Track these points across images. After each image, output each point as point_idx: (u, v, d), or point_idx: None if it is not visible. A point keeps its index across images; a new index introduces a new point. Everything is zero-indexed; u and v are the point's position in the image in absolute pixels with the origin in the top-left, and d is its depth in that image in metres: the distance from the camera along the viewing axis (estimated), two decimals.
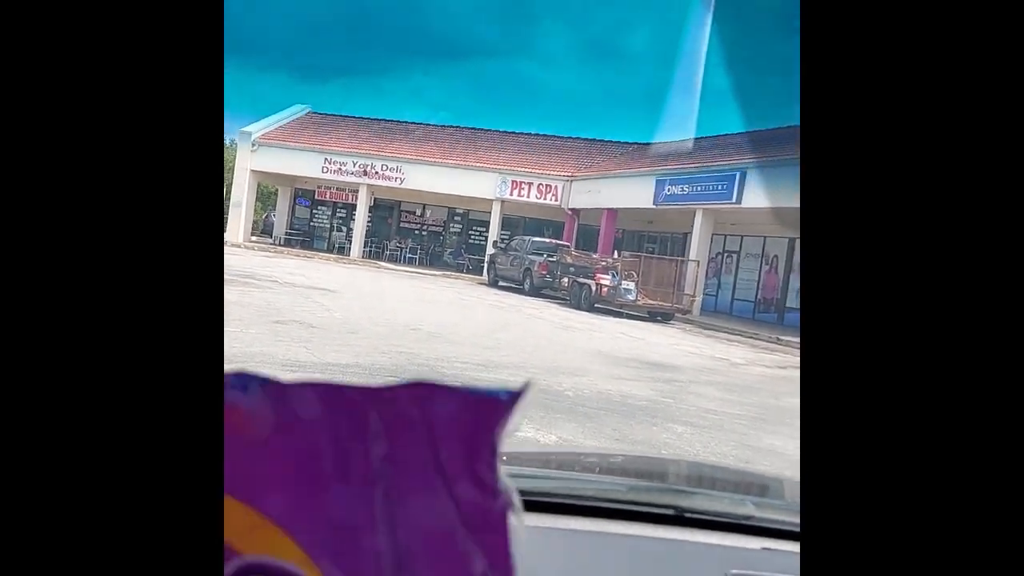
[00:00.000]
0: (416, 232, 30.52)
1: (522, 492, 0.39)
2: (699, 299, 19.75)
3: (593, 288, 17.44)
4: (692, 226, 20.14)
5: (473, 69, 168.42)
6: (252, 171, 28.04)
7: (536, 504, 1.02)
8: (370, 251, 28.22)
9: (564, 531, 1.01)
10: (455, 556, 0.35)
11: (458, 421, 0.35)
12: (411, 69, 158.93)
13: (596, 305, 17.36)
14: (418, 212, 30.67)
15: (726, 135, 20.68)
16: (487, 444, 0.36)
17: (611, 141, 28.93)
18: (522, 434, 5.04)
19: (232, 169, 29.08)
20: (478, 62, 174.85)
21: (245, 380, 0.34)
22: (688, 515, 1.09)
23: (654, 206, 21.42)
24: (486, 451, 0.36)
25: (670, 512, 1.09)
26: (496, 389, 0.37)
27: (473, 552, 0.35)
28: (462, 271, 26.82)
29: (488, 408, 0.36)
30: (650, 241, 25.50)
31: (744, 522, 1.09)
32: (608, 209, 22.96)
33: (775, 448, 5.60)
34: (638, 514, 1.08)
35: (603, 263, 18.87)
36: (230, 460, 0.33)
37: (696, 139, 21.30)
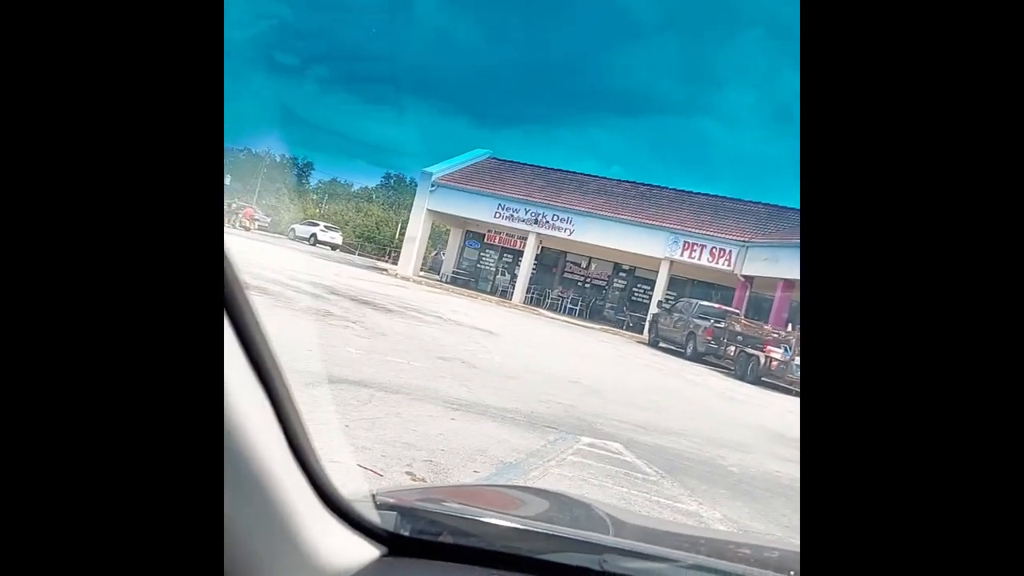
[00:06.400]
0: (579, 283, 30.45)
1: None
2: None
3: (762, 360, 16.49)
4: None
5: (650, 125, 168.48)
6: (428, 210, 29.17)
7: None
8: (531, 298, 28.42)
9: None
10: None
11: None
12: (586, 121, 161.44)
13: (763, 379, 16.39)
14: (583, 264, 30.65)
15: None
16: None
17: (793, 208, 27.67)
18: (684, 506, 4.68)
19: (411, 206, 30.39)
20: (656, 119, 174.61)
21: None
22: None
23: None
24: None
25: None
26: None
27: None
28: (622, 327, 26.38)
29: None
30: None
31: None
32: (784, 280, 21.84)
33: None
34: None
35: (775, 335, 17.84)
36: None
37: None
